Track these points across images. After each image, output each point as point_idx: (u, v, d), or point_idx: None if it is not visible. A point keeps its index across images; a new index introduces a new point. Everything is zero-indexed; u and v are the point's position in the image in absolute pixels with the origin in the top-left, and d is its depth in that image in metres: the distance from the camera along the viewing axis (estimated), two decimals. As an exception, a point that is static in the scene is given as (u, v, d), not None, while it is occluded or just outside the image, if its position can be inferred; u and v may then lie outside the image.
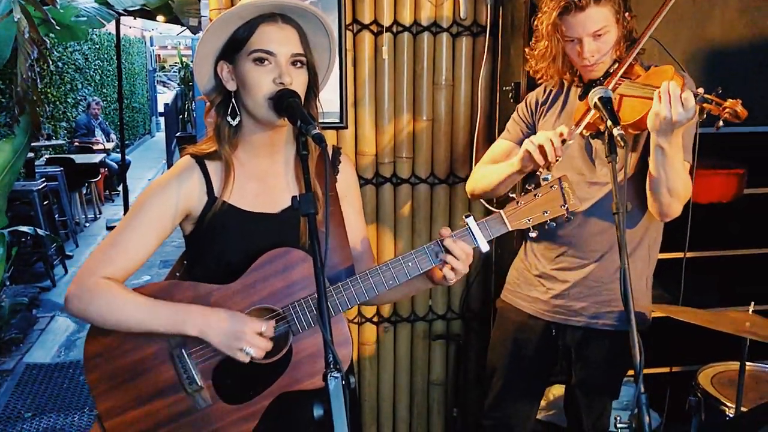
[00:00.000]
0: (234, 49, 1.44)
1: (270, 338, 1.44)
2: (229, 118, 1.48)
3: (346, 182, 1.65)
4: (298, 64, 1.45)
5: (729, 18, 2.47)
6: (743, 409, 2.04)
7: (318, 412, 1.29)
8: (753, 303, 1.97)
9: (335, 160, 1.63)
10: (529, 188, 1.49)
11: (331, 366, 1.18)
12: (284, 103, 1.39)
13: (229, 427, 1.47)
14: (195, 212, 1.51)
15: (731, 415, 2.07)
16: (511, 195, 1.52)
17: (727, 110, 1.53)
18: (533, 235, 1.50)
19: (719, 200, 2.54)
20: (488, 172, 2.01)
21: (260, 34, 1.42)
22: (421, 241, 2.78)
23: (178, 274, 1.64)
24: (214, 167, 1.51)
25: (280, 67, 1.41)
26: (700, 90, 1.59)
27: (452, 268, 1.45)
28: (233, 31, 1.44)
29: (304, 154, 1.30)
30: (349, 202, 1.65)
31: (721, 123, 1.55)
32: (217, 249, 1.51)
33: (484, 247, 1.48)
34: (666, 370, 2.69)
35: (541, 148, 1.72)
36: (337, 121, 2.62)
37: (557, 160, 1.73)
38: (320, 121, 1.50)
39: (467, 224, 1.47)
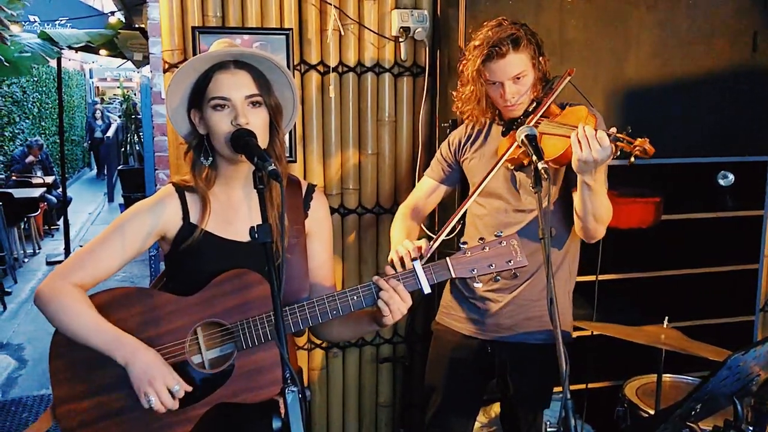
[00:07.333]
0: (199, 97, 1.60)
1: (180, 398, 1.52)
2: (202, 158, 1.64)
3: (317, 220, 1.77)
4: (256, 105, 1.59)
5: (642, 60, 2.72)
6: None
7: (276, 424, 1.40)
8: (667, 318, 2.16)
9: (308, 198, 1.76)
10: (481, 240, 1.60)
11: (288, 381, 1.30)
12: (241, 141, 1.53)
13: (165, 428, 1.57)
14: (170, 234, 1.67)
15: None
16: (461, 244, 1.61)
17: (637, 148, 1.72)
18: (478, 285, 1.60)
19: (639, 226, 2.77)
20: (393, 230, 2.23)
21: (215, 82, 1.57)
22: (367, 267, 2.92)
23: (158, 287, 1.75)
24: (192, 198, 1.67)
25: (236, 110, 1.56)
26: (613, 130, 1.77)
27: (388, 305, 1.56)
28: (193, 81, 1.60)
29: (261, 189, 1.44)
30: (317, 239, 1.77)
31: (633, 159, 1.73)
32: (192, 269, 1.64)
33: (426, 290, 1.57)
34: (598, 385, 2.88)
35: (400, 258, 1.88)
36: (287, 155, 2.74)
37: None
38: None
39: (413, 267, 1.58)
